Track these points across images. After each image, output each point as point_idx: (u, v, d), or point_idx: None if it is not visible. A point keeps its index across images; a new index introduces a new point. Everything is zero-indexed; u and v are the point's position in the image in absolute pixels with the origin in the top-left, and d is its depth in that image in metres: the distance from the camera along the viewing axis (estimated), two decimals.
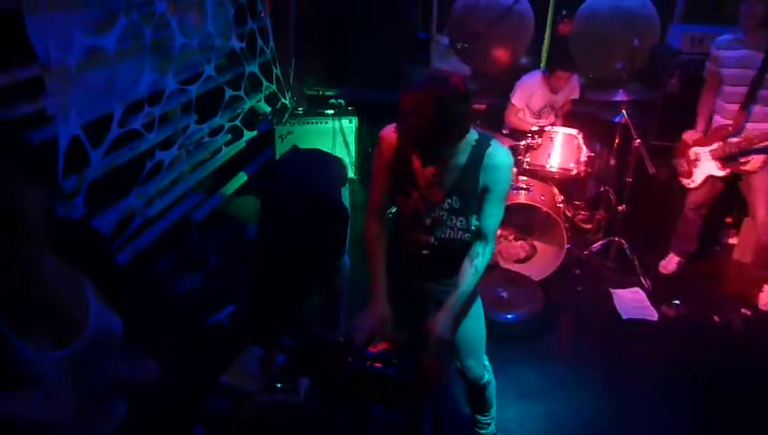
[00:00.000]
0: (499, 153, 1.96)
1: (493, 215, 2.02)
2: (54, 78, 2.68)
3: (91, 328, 1.27)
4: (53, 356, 1.19)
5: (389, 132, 2.03)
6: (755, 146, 3.53)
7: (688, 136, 3.88)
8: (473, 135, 1.94)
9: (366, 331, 2.04)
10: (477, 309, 2.29)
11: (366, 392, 1.95)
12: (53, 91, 2.70)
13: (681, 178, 3.98)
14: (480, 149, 1.94)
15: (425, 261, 2.15)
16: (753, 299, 3.85)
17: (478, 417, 2.60)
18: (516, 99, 4.46)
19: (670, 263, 4.18)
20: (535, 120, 4.48)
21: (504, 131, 4.63)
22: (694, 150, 3.83)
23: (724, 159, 3.67)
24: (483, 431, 2.64)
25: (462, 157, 1.94)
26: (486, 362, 2.43)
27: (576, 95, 4.53)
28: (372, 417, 2.01)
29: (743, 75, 3.47)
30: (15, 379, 1.13)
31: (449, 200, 2.00)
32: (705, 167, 3.79)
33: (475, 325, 2.29)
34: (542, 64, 5.04)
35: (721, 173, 3.73)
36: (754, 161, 3.58)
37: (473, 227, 2.04)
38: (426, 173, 1.95)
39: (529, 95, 4.44)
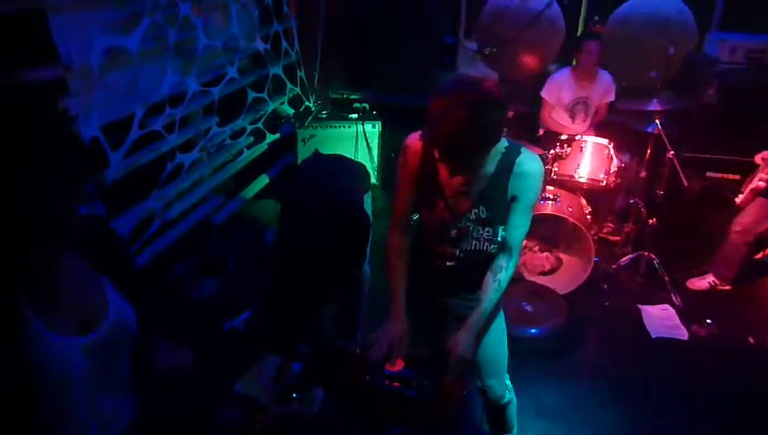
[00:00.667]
0: (530, 161, 1.87)
1: (519, 226, 1.92)
2: (77, 78, 2.66)
3: (110, 319, 1.30)
4: (77, 342, 1.22)
5: (415, 140, 1.95)
6: None
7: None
8: (502, 142, 1.85)
9: (383, 346, 1.96)
10: (500, 326, 2.19)
11: (384, 412, 1.86)
12: (76, 92, 2.68)
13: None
14: (510, 156, 1.85)
15: (448, 274, 2.06)
16: None
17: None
18: (545, 93, 4.43)
19: (702, 282, 4.02)
20: (569, 119, 4.39)
21: (540, 132, 4.53)
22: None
23: None
24: None
25: (490, 165, 1.85)
26: (508, 382, 2.34)
27: (611, 97, 4.39)
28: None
29: None
30: (41, 365, 1.15)
31: (476, 210, 1.91)
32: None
33: (498, 343, 2.20)
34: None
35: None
36: None
37: (499, 239, 1.94)
38: (452, 183, 1.87)
39: (558, 89, 4.37)
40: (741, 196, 3.75)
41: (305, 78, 5.14)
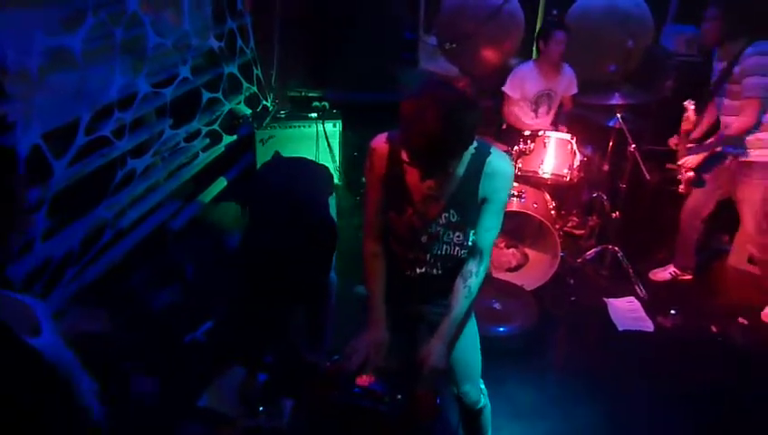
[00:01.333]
0: (500, 161, 1.80)
1: (490, 228, 1.86)
2: (14, 82, 2.47)
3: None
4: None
5: (381, 143, 1.86)
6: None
7: None
8: (472, 143, 1.78)
9: (360, 356, 1.87)
10: (472, 330, 2.13)
11: (356, 429, 1.78)
12: (13, 96, 2.49)
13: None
14: (480, 157, 1.78)
15: (419, 281, 1.99)
16: (750, 307, 3.75)
17: None
18: (508, 88, 4.37)
19: (664, 273, 4.07)
20: (532, 113, 4.38)
21: (503, 127, 4.50)
22: None
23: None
24: None
25: (461, 167, 1.77)
26: (483, 386, 2.28)
27: (575, 89, 4.39)
28: None
29: None
30: None
31: (446, 214, 1.84)
32: None
33: (471, 348, 2.14)
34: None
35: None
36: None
37: (470, 243, 1.88)
38: (421, 186, 1.78)
39: (521, 83, 4.33)
40: (681, 185, 3.81)
41: (262, 76, 4.98)
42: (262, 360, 3.13)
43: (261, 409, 2.84)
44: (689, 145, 3.68)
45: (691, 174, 3.69)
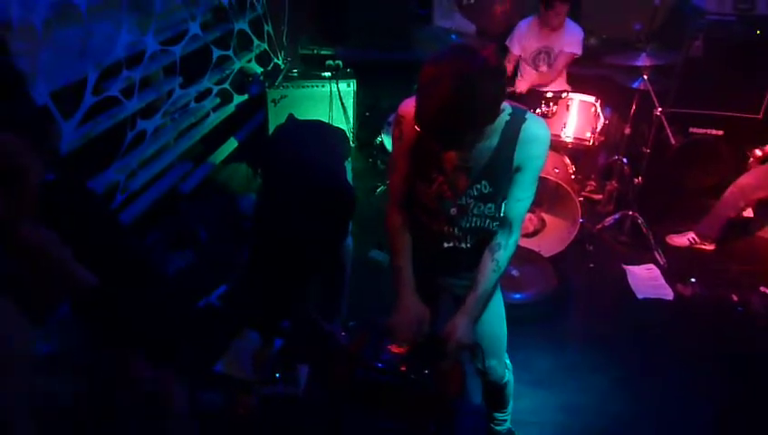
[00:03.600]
0: (537, 127, 1.68)
1: (522, 199, 1.75)
2: (18, 38, 2.36)
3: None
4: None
5: (409, 108, 1.73)
6: None
7: None
8: (505, 110, 1.67)
9: (408, 333, 1.80)
10: (498, 304, 2.07)
11: (381, 406, 1.73)
12: (18, 53, 2.38)
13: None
14: (514, 123, 1.66)
15: (445, 255, 1.90)
16: None
17: (495, 414, 2.42)
18: (511, 42, 4.30)
19: (682, 238, 3.98)
20: (533, 70, 4.24)
21: (516, 89, 4.36)
22: None
23: None
24: (499, 428, 2.47)
25: (494, 137, 1.66)
26: (508, 361, 2.23)
27: (576, 50, 4.15)
28: (382, 428, 1.80)
29: None
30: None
31: (478, 186, 1.73)
32: None
33: (497, 323, 2.08)
34: None
35: None
36: None
37: (501, 214, 1.78)
38: (452, 155, 1.68)
39: (522, 39, 4.23)
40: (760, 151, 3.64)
41: (273, 33, 4.82)
42: (277, 325, 3.10)
43: (277, 375, 2.83)
44: None
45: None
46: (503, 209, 1.77)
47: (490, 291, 1.84)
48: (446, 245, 1.87)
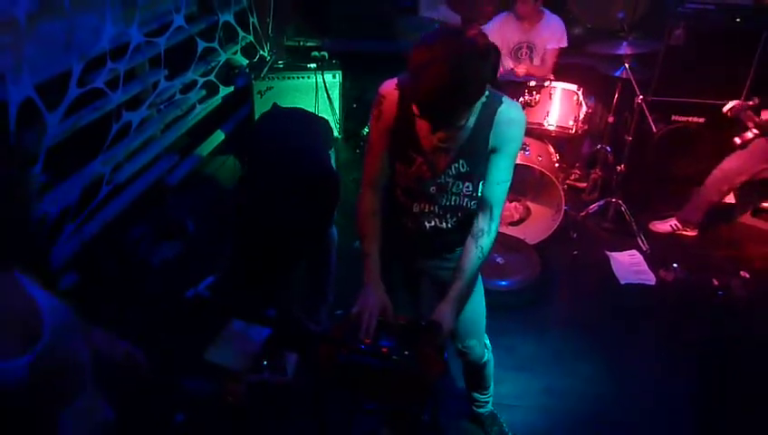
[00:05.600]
0: (513, 110, 1.73)
1: (501, 181, 1.79)
2: (1, 31, 2.36)
3: (46, 322, 1.15)
4: (22, 362, 1.09)
5: (390, 89, 1.77)
6: None
7: None
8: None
9: (371, 321, 1.77)
10: (479, 287, 2.11)
11: (364, 388, 1.76)
12: (2, 46, 2.38)
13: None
14: (491, 106, 1.72)
15: (427, 236, 1.94)
16: (752, 260, 3.75)
17: (476, 395, 2.48)
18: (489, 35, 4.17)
19: (664, 225, 4.05)
20: (516, 64, 4.23)
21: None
22: None
23: None
24: (481, 410, 2.52)
25: (471, 117, 1.70)
26: (487, 341, 2.28)
27: (563, 43, 4.14)
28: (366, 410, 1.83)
29: None
30: None
31: (456, 165, 1.78)
32: None
33: (478, 304, 2.12)
34: None
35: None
36: None
37: (479, 193, 1.82)
38: (432, 137, 1.71)
39: (496, 33, 4.10)
40: (739, 138, 3.67)
41: (258, 25, 4.82)
42: (264, 314, 3.13)
43: (265, 363, 2.86)
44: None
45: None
46: (480, 189, 1.81)
47: (474, 277, 1.88)
48: (427, 225, 1.91)
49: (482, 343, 2.23)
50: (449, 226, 1.91)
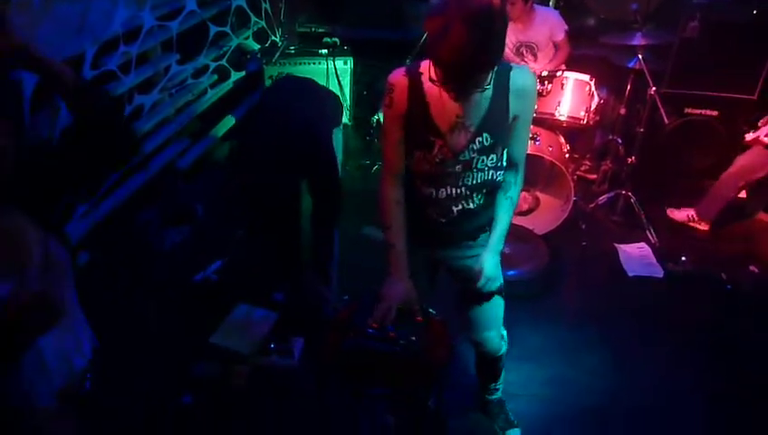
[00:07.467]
0: (524, 75, 1.78)
1: (523, 140, 1.88)
2: (16, 12, 2.37)
3: (35, 260, 1.29)
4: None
5: (399, 77, 1.79)
6: None
7: None
8: None
9: (391, 312, 1.85)
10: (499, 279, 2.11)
11: (370, 372, 1.78)
12: (16, 28, 2.39)
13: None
14: (503, 74, 1.74)
15: (453, 221, 1.93)
16: (762, 256, 3.72)
17: (488, 383, 2.50)
18: None
19: (681, 213, 4.02)
20: (519, 62, 4.17)
21: None
22: None
23: None
24: (491, 397, 2.54)
25: (488, 88, 1.71)
26: (504, 332, 2.29)
27: (561, 35, 4.04)
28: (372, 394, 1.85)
29: None
30: None
31: (480, 138, 1.78)
32: None
33: (497, 296, 2.12)
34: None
35: None
36: None
37: (504, 163, 1.86)
38: (449, 116, 1.74)
39: None
40: (753, 134, 3.67)
41: (270, 10, 4.80)
42: (271, 297, 3.16)
43: (272, 346, 2.89)
44: None
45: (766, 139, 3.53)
46: (504, 158, 1.84)
47: (508, 226, 1.95)
48: (455, 209, 1.90)
49: (499, 335, 2.24)
50: (477, 204, 1.91)
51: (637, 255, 3.76)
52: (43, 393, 1.40)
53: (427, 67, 1.70)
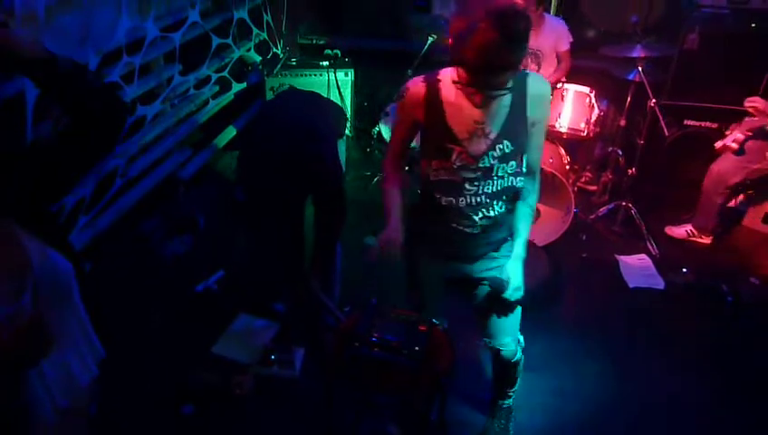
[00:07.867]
0: (540, 81, 1.82)
1: (540, 147, 1.90)
2: (21, 24, 2.39)
3: (35, 274, 1.25)
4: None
5: (417, 84, 1.83)
6: None
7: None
8: None
9: (392, 253, 1.89)
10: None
11: (373, 381, 1.78)
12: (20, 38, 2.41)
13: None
14: (519, 81, 1.76)
15: (476, 231, 1.94)
16: (763, 267, 3.73)
17: (502, 389, 2.51)
18: None
19: (680, 230, 4.03)
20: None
21: None
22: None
23: None
24: (505, 402, 2.56)
25: (507, 95, 1.74)
26: (521, 337, 2.30)
27: (565, 46, 4.05)
28: (375, 403, 1.85)
29: None
30: None
31: (500, 146, 1.79)
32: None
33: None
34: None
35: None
36: None
37: (524, 168, 1.86)
38: (466, 122, 1.77)
39: None
40: (721, 142, 3.71)
41: (272, 22, 4.84)
42: (272, 308, 3.16)
43: (273, 357, 2.88)
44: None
45: (735, 145, 3.58)
46: (524, 163, 1.85)
47: (528, 233, 1.98)
48: (477, 218, 1.90)
49: (515, 340, 2.26)
50: (499, 211, 1.92)
51: (637, 266, 3.76)
52: (46, 410, 1.38)
53: (446, 74, 1.75)
